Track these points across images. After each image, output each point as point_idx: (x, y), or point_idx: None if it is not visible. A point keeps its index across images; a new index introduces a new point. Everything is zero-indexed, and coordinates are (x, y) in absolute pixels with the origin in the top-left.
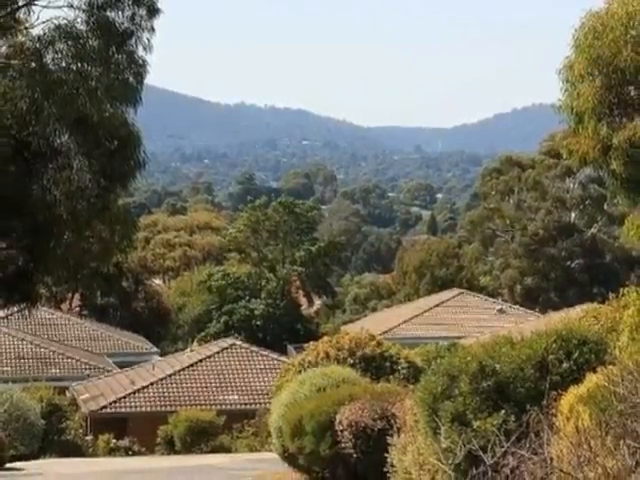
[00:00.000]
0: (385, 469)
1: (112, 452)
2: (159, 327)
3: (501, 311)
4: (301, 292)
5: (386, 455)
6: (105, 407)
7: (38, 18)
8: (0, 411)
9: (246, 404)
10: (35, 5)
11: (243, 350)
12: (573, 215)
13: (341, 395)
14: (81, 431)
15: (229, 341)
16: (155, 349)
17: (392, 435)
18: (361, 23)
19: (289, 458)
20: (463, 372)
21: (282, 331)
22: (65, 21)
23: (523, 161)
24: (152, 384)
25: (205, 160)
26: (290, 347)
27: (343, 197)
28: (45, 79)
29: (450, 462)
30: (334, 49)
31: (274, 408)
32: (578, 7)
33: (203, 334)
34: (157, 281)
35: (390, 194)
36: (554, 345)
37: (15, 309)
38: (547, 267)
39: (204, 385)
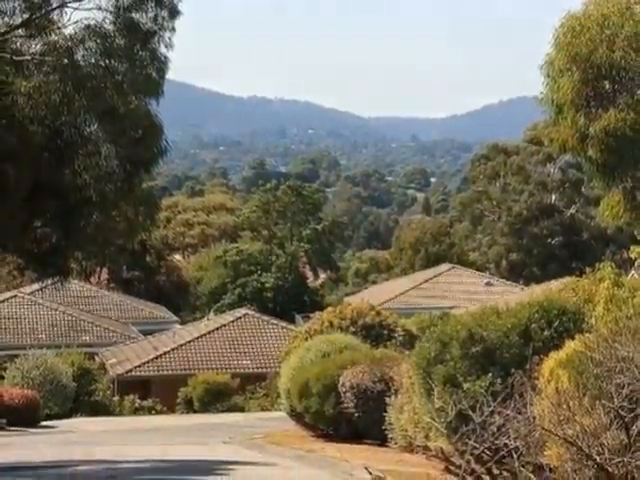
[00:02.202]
0: (384, 427)
1: (137, 411)
2: (179, 298)
3: (488, 284)
4: (307, 267)
5: (385, 414)
6: (130, 371)
7: (70, 19)
8: (36, 374)
9: (258, 368)
10: (67, 7)
11: (255, 319)
12: (553, 197)
13: (344, 360)
14: (109, 392)
15: (242, 311)
16: (175, 318)
17: (390, 396)
18: (362, 24)
19: (296, 417)
20: (454, 339)
21: (290, 302)
22: (94, 22)
23: (508, 148)
24: (173, 350)
25: (221, 147)
26: (298, 316)
27: (345, 181)
28: (76, 74)
29: (442, 420)
30: (338, 47)
31: (283, 372)
32: (558, 8)
33: (219, 305)
34: (177, 257)
35: (388, 178)
36: (536, 315)
37: (49, 282)
38: (530, 244)
39: (220, 351)
